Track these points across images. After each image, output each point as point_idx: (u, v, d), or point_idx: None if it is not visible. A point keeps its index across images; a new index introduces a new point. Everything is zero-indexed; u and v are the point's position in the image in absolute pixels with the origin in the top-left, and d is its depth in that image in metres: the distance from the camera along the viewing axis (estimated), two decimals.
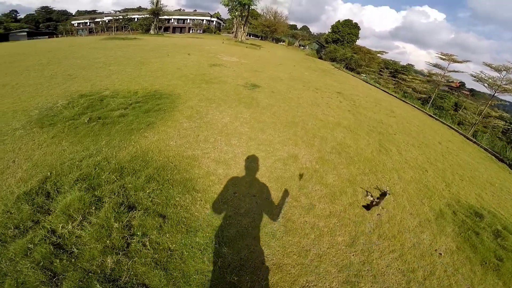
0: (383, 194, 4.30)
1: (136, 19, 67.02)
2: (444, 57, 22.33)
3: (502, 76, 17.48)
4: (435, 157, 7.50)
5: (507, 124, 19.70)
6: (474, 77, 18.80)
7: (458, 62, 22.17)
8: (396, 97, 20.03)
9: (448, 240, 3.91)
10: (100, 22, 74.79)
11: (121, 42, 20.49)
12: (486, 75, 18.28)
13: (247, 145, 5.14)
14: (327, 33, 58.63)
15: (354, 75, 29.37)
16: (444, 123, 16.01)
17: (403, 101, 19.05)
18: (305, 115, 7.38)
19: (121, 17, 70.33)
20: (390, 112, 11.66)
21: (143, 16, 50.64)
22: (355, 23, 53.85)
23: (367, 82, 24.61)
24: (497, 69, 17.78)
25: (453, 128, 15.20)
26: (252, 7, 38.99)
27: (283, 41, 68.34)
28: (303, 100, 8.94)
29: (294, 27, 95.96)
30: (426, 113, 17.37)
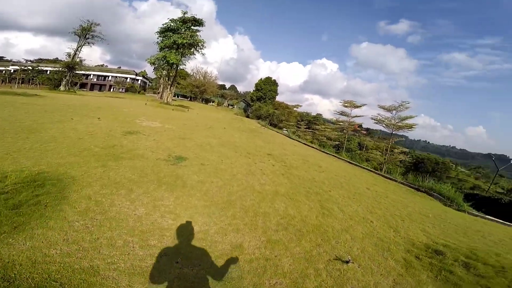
0: (347, 262, 4.18)
1: (48, 72, 59.58)
2: (347, 104, 26.54)
3: (394, 115, 21.42)
4: (371, 205, 7.84)
5: (409, 157, 23.76)
6: (374, 119, 22.53)
7: (358, 106, 26.59)
8: (317, 149, 21.99)
9: (438, 284, 4.00)
10: (3, 71, 63.48)
11: (13, 99, 16.88)
12: (383, 116, 22.09)
13: (173, 245, 3.86)
14: (251, 91, 63.66)
15: (277, 131, 31.84)
16: (362, 167, 18.00)
17: (323, 152, 20.97)
18: (242, 189, 6.59)
19: (30, 67, 61.55)
20: (318, 167, 12.18)
21: (56, 69, 45.14)
22: (273, 79, 59.80)
23: (289, 137, 26.76)
24: (389, 110, 21.77)
25: (370, 171, 17.13)
26: (181, 66, 38.68)
27: (213, 102, 71.04)
28: (237, 169, 8.24)
29: (223, 86, 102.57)
30: (344, 160, 19.29)
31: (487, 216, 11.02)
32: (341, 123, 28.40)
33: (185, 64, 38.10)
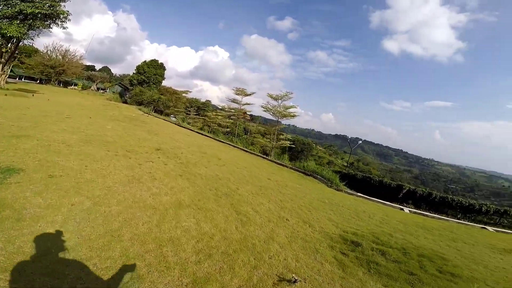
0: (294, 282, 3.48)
1: None
2: (238, 92, 26.70)
3: (280, 104, 23.08)
4: (279, 199, 7.71)
5: (292, 143, 26.34)
6: (263, 107, 23.60)
7: (248, 95, 27.31)
8: (211, 138, 20.93)
9: (375, 278, 4.04)
10: None
11: None
12: (271, 104, 23.39)
13: None
14: (131, 74, 55.13)
15: (165, 118, 28.46)
16: (256, 154, 18.47)
17: (218, 140, 20.19)
18: (125, 209, 4.46)
19: None
20: (218, 160, 11.13)
21: None
22: (161, 63, 54.27)
23: (179, 126, 24.36)
24: (276, 98, 23.28)
25: (264, 158, 17.77)
26: (26, 42, 27.37)
27: (75, 85, 56.31)
28: (114, 177, 5.76)
29: (91, 68, 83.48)
30: (239, 148, 19.24)
31: (358, 194, 13.48)
32: (233, 110, 28.43)
33: (32, 39, 27.22)
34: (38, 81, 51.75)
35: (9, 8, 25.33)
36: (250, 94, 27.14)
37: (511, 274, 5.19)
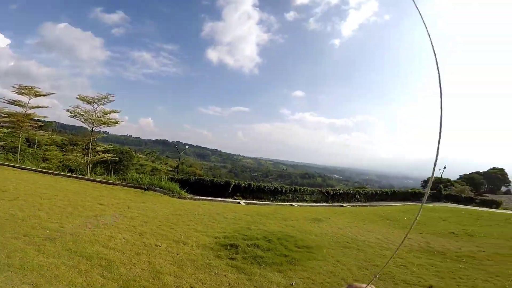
0: None
1: None
2: (24, 90, 18.32)
3: (95, 108, 18.23)
4: (125, 225, 6.49)
5: (114, 156, 21.73)
6: (71, 112, 17.77)
7: (42, 95, 19.53)
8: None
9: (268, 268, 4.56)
10: None
11: None
12: (83, 109, 17.93)
13: None
14: None
15: None
16: (64, 175, 13.86)
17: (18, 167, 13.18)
18: None
19: None
20: (3, 193, 7.39)
21: None
22: None
23: None
24: (91, 102, 18.15)
25: (81, 178, 13.75)
26: None
27: None
28: None
29: None
30: (30, 169, 13.66)
31: (201, 198, 13.85)
32: (13, 117, 19.15)
33: None
34: None
35: None
36: (46, 95, 19.85)
37: (332, 237, 7.44)
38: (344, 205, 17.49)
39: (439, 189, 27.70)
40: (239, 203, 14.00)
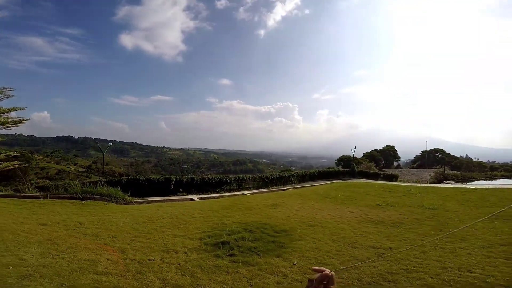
0: None
1: None
2: None
3: None
4: (96, 246, 5.89)
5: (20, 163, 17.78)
6: None
7: None
8: None
9: (268, 256, 4.46)
10: None
11: None
12: None
13: None
14: None
15: None
16: None
17: None
18: None
19: None
20: None
21: None
22: None
23: None
24: None
25: None
26: None
27: None
28: None
29: None
30: None
31: (148, 199, 13.07)
32: None
33: None
34: None
35: None
36: None
37: (296, 219, 8.47)
38: (285, 188, 19.35)
39: (352, 167, 33.22)
40: (192, 199, 13.89)
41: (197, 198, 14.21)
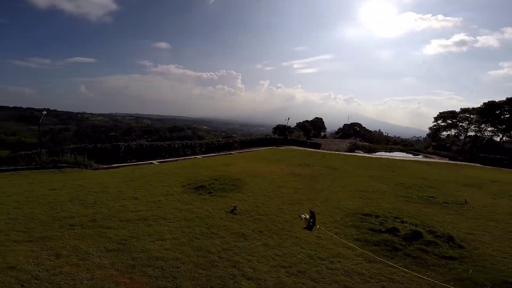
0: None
1: None
2: None
3: None
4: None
5: None
6: None
7: None
8: None
9: (237, 194, 7.90)
10: None
11: None
12: None
13: None
14: None
15: None
16: None
17: None
18: None
19: None
20: None
21: None
22: None
23: None
24: None
25: None
26: None
27: None
28: None
29: None
30: None
31: (113, 165, 14.70)
32: None
33: None
34: None
35: None
36: None
37: (246, 172, 12.11)
38: (231, 152, 22.96)
39: (285, 135, 39.08)
40: (151, 163, 16.18)
41: (156, 162, 16.58)
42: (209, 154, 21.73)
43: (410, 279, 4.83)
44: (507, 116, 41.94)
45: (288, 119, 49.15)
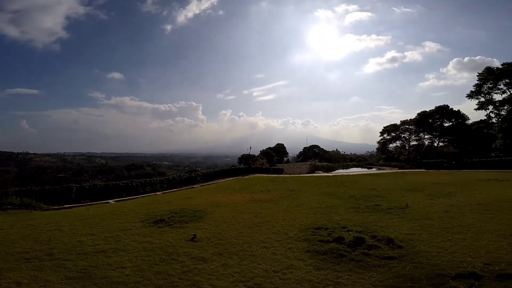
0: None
1: None
2: None
3: None
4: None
5: None
6: None
7: None
8: None
9: (197, 224, 8.21)
10: None
11: None
12: None
13: None
14: None
15: None
16: None
17: None
18: None
19: None
20: None
21: None
22: None
23: None
24: None
25: None
26: None
27: None
28: None
29: None
30: None
31: (65, 206, 13.89)
32: None
33: None
34: None
35: None
36: None
37: (207, 203, 12.29)
38: (194, 186, 22.87)
39: (249, 165, 40.04)
40: (108, 202, 15.54)
41: (113, 201, 15.94)
42: (171, 190, 21.48)
43: (354, 281, 5.49)
44: (438, 123, 48.76)
45: (250, 148, 50.57)
